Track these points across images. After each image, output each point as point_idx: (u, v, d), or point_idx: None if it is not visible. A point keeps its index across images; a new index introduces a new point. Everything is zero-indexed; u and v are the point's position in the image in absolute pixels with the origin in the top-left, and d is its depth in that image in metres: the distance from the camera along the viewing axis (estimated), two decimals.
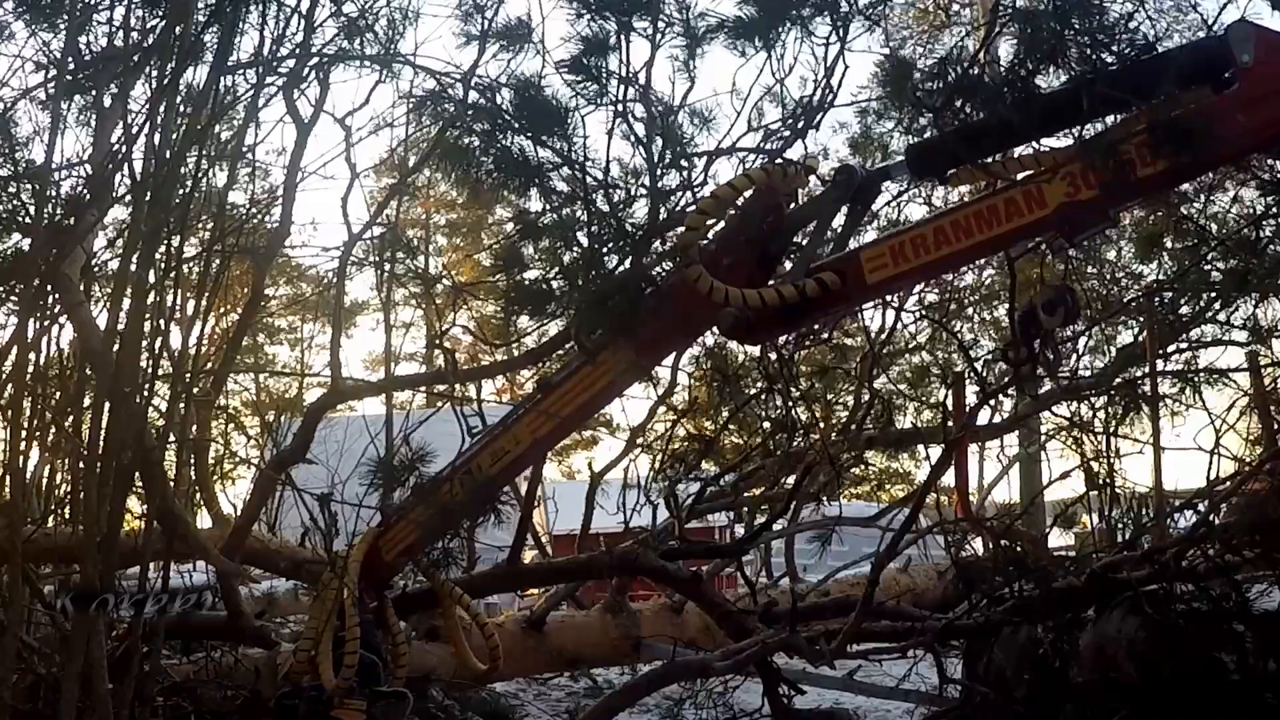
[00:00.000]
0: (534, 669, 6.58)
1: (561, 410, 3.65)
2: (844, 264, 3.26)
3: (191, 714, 4.66)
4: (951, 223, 3.09)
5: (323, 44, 4.64)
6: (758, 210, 3.44)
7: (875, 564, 4.51)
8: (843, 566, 7.51)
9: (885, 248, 3.19)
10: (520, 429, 3.76)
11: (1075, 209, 2.91)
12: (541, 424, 3.69)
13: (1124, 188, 2.87)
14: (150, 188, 3.80)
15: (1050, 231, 3.16)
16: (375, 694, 3.65)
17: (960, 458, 5.89)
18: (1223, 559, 4.27)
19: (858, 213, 3.49)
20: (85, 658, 3.49)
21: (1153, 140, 2.76)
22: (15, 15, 4.71)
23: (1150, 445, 6.25)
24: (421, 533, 3.93)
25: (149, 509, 4.10)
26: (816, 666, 4.69)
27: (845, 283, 3.20)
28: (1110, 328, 7.87)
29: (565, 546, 8.86)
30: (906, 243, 3.15)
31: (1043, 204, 2.94)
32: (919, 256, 3.11)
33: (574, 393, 3.65)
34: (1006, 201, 3.00)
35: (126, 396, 3.71)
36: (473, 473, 3.78)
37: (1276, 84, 2.69)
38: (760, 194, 3.42)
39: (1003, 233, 3.02)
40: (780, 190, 3.45)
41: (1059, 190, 2.91)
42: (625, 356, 3.57)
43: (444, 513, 3.84)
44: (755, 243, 3.43)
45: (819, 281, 3.19)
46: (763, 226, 3.43)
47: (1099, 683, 3.98)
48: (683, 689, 5.61)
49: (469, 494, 3.77)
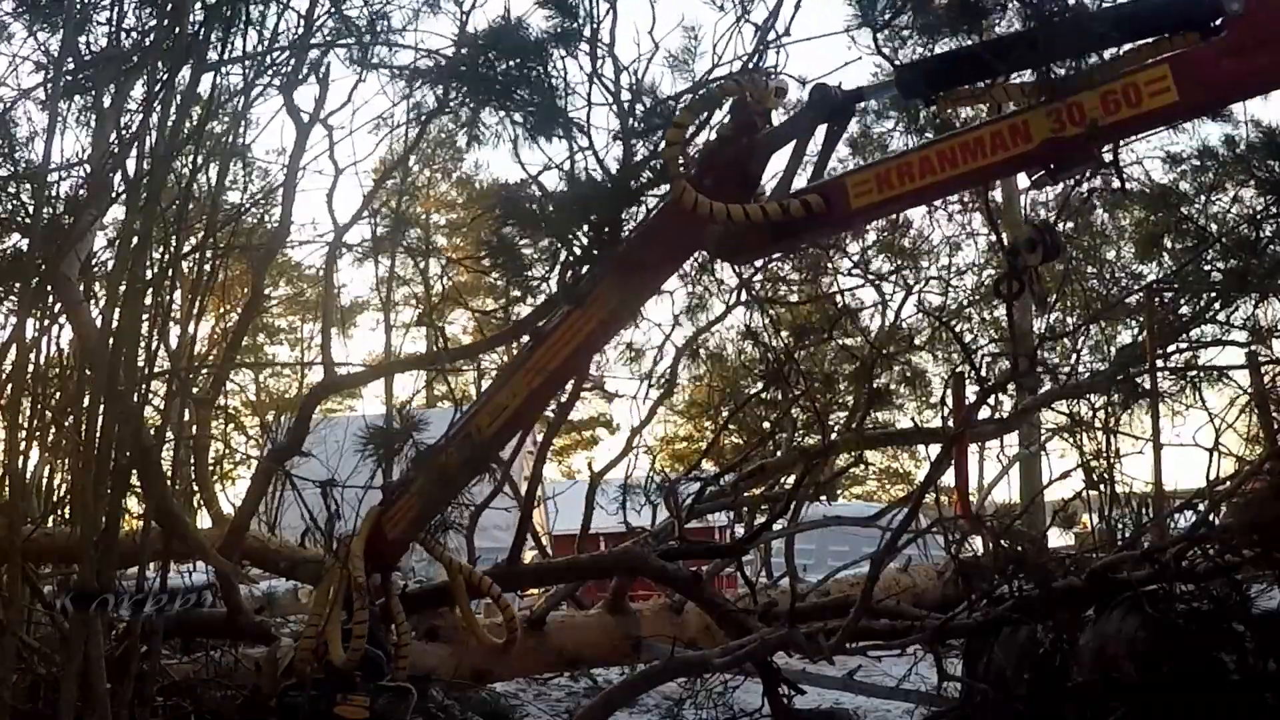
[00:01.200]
0: (534, 669, 6.57)
1: (556, 358, 3.65)
2: (829, 188, 3.33)
3: (191, 714, 4.66)
4: (937, 153, 3.15)
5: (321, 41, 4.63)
6: (734, 130, 3.50)
7: (874, 562, 4.51)
8: (842, 566, 7.50)
9: (871, 174, 3.27)
10: (517, 382, 3.74)
11: (1060, 145, 2.98)
12: (537, 374, 3.69)
13: (1108, 128, 2.95)
14: (147, 188, 3.80)
15: (1034, 167, 3.21)
16: (379, 688, 3.60)
17: (960, 457, 5.88)
18: (1223, 559, 4.27)
19: (834, 134, 3.53)
20: (84, 657, 3.49)
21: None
22: (14, 16, 4.71)
23: (1150, 444, 6.25)
24: (424, 503, 3.88)
25: (147, 508, 4.09)
26: (816, 663, 4.69)
27: (830, 206, 3.26)
28: (1111, 327, 7.88)
29: (565, 546, 8.86)
30: (892, 170, 3.22)
31: (1028, 138, 3.02)
32: (904, 184, 3.19)
33: (567, 338, 3.65)
34: (992, 134, 3.07)
35: (123, 395, 3.71)
36: (472, 435, 3.75)
37: (1264, 33, 2.76)
38: (735, 113, 3.49)
39: (987, 164, 3.10)
40: (753, 107, 3.50)
41: (1044, 126, 2.98)
42: (615, 294, 3.60)
43: (445, 479, 3.81)
44: (734, 164, 3.47)
45: (804, 203, 3.26)
46: (740, 146, 3.48)
47: (1099, 682, 3.98)
48: (683, 689, 5.60)
49: (469, 456, 3.75)
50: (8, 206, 4.56)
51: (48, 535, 4.58)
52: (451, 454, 3.77)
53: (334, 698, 3.52)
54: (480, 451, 3.79)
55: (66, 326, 4.40)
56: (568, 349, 3.66)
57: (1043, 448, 9.03)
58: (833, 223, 3.48)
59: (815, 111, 3.43)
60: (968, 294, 9.59)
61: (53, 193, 4.30)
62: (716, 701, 5.41)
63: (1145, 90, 2.86)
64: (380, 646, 3.71)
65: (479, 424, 3.78)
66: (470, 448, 3.73)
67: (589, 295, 3.60)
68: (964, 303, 9.49)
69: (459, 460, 3.76)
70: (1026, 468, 9.98)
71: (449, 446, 3.81)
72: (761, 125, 3.52)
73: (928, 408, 9.01)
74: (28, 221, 4.29)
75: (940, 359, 8.98)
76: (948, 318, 8.59)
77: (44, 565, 5.10)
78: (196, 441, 6.47)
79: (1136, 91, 2.87)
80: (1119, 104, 2.89)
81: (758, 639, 4.33)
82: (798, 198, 3.28)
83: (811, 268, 8.68)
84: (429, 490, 3.83)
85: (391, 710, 3.57)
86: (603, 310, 3.61)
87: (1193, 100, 2.94)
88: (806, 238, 3.71)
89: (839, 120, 3.51)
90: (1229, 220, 7.21)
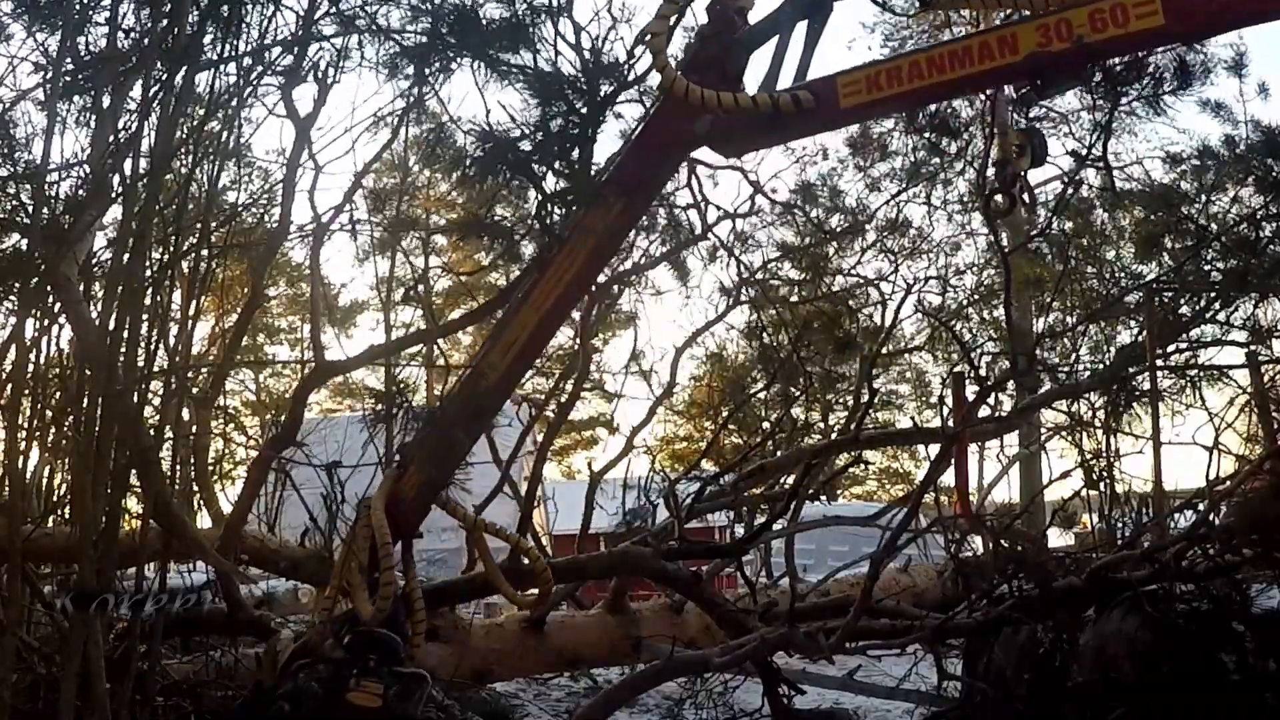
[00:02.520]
0: (534, 669, 6.57)
1: (561, 280, 3.66)
2: (820, 85, 3.39)
3: (191, 714, 4.65)
4: (927, 59, 3.23)
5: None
6: (712, 29, 3.56)
7: (874, 562, 4.51)
8: (842, 566, 7.51)
9: (861, 75, 3.32)
10: (525, 312, 3.72)
11: (1045, 59, 3.06)
12: (544, 299, 3.68)
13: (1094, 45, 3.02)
14: (146, 188, 3.80)
15: (1020, 79, 3.31)
16: (393, 674, 3.42)
17: (960, 457, 5.89)
18: (1223, 559, 4.27)
19: (814, 31, 3.57)
20: (84, 657, 3.49)
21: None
22: (13, 16, 4.71)
23: (1150, 443, 6.25)
24: (445, 450, 3.77)
25: (146, 508, 4.09)
26: (815, 663, 4.69)
27: (819, 102, 3.33)
28: (1110, 327, 7.89)
29: (565, 546, 8.87)
30: (882, 73, 3.28)
31: (1015, 50, 3.10)
32: (892, 87, 3.26)
33: (570, 259, 3.67)
34: (980, 44, 3.16)
35: (123, 395, 3.71)
36: (485, 373, 3.72)
37: None
38: (712, 12, 3.55)
39: (974, 73, 3.18)
40: (730, 4, 3.57)
41: (1031, 39, 3.06)
42: (612, 204, 3.65)
43: (468, 413, 3.77)
44: (716, 61, 3.53)
45: (794, 97, 3.32)
46: (720, 43, 3.54)
47: (1099, 682, 3.98)
48: (683, 688, 5.60)
49: (484, 399, 3.73)
50: (8, 206, 4.56)
51: (48, 535, 4.57)
52: (466, 392, 3.75)
53: (346, 682, 3.37)
54: (495, 392, 3.76)
55: (66, 326, 4.40)
56: (572, 270, 3.68)
57: (1042, 447, 9.04)
58: (821, 120, 3.51)
59: (793, 6, 3.51)
60: (968, 294, 9.61)
61: (52, 193, 4.30)
62: (716, 701, 5.41)
63: (1133, 11, 2.93)
64: (399, 630, 3.54)
65: (491, 361, 3.74)
66: (484, 387, 3.73)
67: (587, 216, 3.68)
68: (964, 302, 9.51)
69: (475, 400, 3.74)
70: (1026, 467, 10.00)
71: (463, 387, 3.79)
72: (740, 24, 3.58)
73: (927, 407, 9.02)
74: (28, 221, 4.28)
75: (940, 359, 8.99)
76: (947, 318, 8.60)
77: (44, 565, 5.10)
78: (196, 441, 6.46)
79: (1124, 12, 2.94)
80: (1106, 23, 2.96)
81: (758, 639, 4.33)
82: (788, 92, 3.37)
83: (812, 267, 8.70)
84: (448, 437, 3.76)
85: (404, 699, 3.47)
86: (601, 222, 3.65)
87: (1179, 26, 3.01)
88: (794, 133, 3.86)
89: (818, 15, 3.56)
90: (1229, 220, 7.23)
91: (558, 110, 4.22)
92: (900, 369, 13.93)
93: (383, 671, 3.39)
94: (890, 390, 14.58)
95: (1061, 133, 8.87)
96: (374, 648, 3.44)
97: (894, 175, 9.29)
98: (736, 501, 7.24)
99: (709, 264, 9.02)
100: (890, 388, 14.57)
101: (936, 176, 8.94)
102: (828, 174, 9.63)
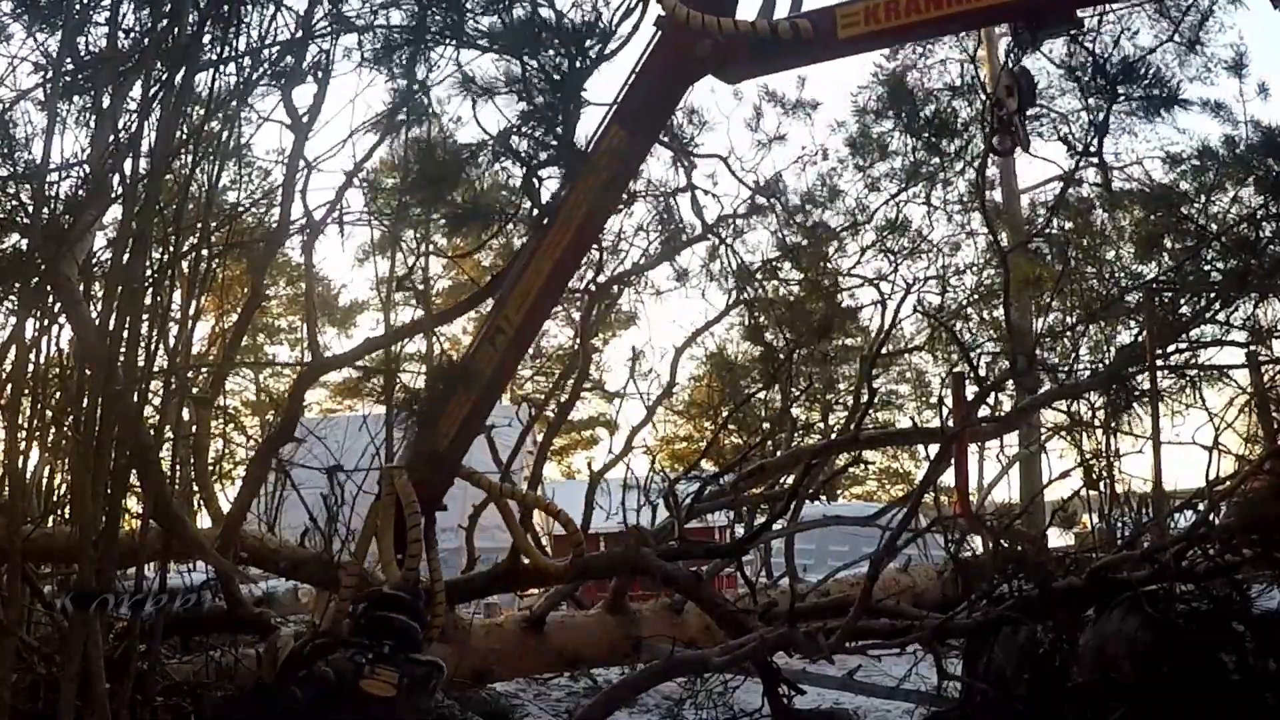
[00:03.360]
0: (534, 669, 6.57)
1: (571, 222, 3.70)
2: (819, 15, 3.48)
3: (191, 714, 4.65)
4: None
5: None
6: None
7: (874, 562, 4.51)
8: (842, 566, 7.50)
9: (860, 7, 3.40)
10: (539, 260, 3.73)
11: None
12: (557, 244, 3.71)
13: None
14: (145, 188, 3.79)
15: (1017, 18, 3.43)
16: (409, 660, 3.36)
17: (960, 457, 5.90)
18: (1223, 559, 4.27)
19: None
20: (84, 657, 3.48)
21: None
22: (13, 16, 4.71)
23: (1150, 443, 6.26)
24: (468, 413, 3.78)
25: (146, 508, 4.09)
26: (815, 663, 4.68)
27: (818, 32, 3.42)
28: (1110, 327, 7.89)
29: (565, 546, 8.85)
30: (880, 6, 3.36)
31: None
32: (890, 20, 3.35)
33: (580, 201, 3.71)
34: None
35: (123, 395, 3.70)
36: (502, 328, 3.74)
37: None
38: None
39: (972, 9, 3.32)
40: None
41: None
42: (618, 139, 3.69)
43: (487, 384, 3.75)
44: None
45: (793, 25, 3.42)
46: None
47: (1099, 682, 3.98)
48: (683, 688, 5.60)
49: (502, 357, 3.74)
50: (8, 206, 4.56)
51: (48, 535, 4.56)
52: (486, 351, 3.74)
53: (361, 669, 3.29)
54: (512, 348, 3.78)
55: (66, 326, 4.40)
56: (581, 213, 3.72)
57: (1042, 447, 9.04)
58: (818, 49, 3.58)
59: None
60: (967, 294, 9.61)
61: (52, 193, 4.30)
62: (716, 701, 5.41)
63: None
64: (417, 617, 3.50)
65: (507, 315, 3.75)
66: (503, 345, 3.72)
67: (596, 153, 3.72)
68: (963, 302, 9.51)
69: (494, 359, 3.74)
70: (1026, 467, 9.99)
71: (481, 346, 3.78)
72: None
73: (927, 407, 9.02)
74: (28, 221, 4.28)
75: (940, 359, 8.99)
76: (947, 318, 8.60)
77: (44, 565, 5.10)
78: (196, 441, 6.45)
79: None
80: None
81: (758, 639, 4.33)
82: (788, 20, 3.45)
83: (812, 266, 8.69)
84: (468, 401, 3.75)
85: (418, 688, 3.42)
86: (610, 157, 3.69)
87: None
88: (793, 61, 3.89)
89: None
90: (1229, 220, 7.23)
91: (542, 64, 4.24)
92: (900, 369, 13.95)
93: (399, 659, 3.33)
94: (890, 390, 14.61)
95: (1061, 132, 8.87)
96: (396, 608, 3.41)
97: (893, 175, 9.29)
98: (736, 501, 7.25)
99: (708, 263, 9.03)
100: (890, 388, 14.60)
101: (936, 176, 8.94)
102: (827, 174, 9.64)
